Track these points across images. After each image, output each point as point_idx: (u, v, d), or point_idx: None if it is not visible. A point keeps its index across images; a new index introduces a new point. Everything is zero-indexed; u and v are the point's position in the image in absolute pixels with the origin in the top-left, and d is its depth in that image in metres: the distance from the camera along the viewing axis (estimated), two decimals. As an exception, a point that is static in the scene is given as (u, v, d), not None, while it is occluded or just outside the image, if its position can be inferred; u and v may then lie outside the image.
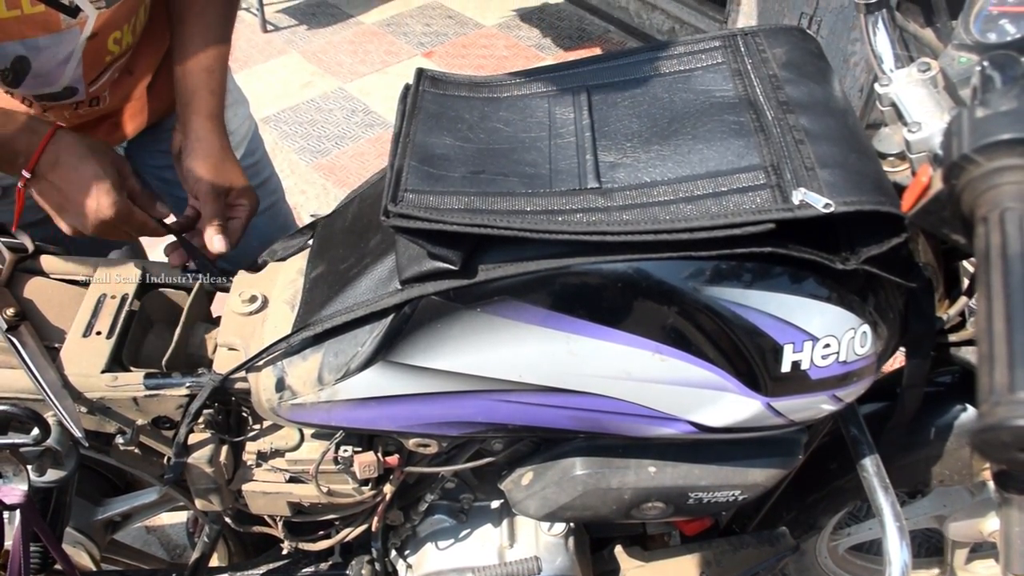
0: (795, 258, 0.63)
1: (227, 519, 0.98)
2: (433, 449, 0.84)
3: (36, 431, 0.80)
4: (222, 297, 0.92)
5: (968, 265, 0.83)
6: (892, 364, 0.87)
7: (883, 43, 0.82)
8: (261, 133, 1.33)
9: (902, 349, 0.82)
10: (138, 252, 1.30)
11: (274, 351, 0.77)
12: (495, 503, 1.01)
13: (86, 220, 0.88)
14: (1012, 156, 0.51)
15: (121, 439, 0.85)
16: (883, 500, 0.83)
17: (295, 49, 3.38)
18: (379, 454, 0.84)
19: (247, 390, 0.81)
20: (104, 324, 0.86)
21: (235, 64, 1.19)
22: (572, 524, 0.99)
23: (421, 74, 0.83)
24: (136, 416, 0.84)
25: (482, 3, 3.61)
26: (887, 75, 0.78)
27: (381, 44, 3.39)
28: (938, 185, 0.59)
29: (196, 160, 0.95)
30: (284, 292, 0.85)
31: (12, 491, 0.81)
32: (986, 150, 0.52)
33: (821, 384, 0.71)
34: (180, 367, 0.84)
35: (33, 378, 0.80)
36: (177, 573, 1.14)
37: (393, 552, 1.03)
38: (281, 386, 0.77)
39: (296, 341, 0.76)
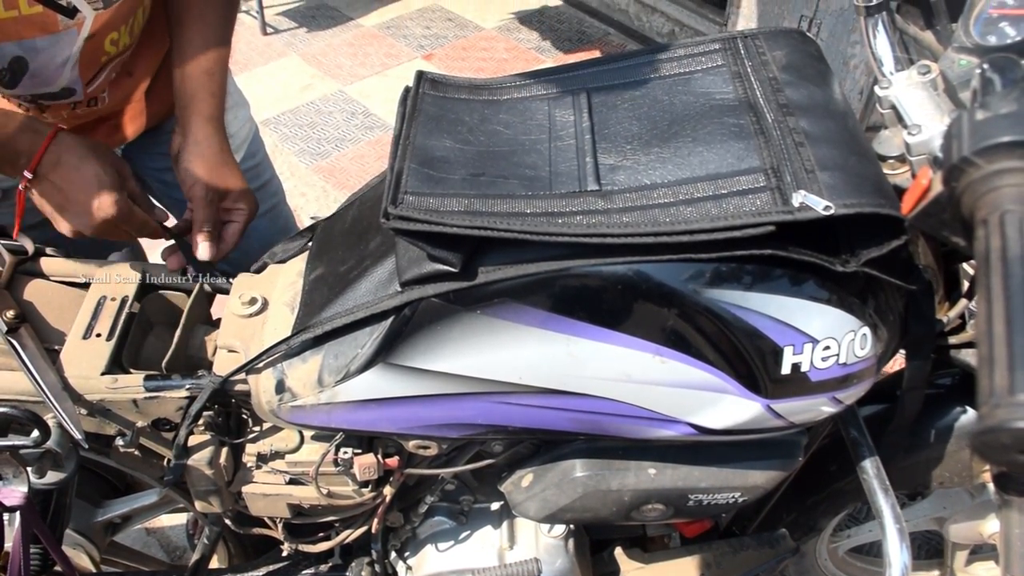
0: (795, 260, 0.63)
1: (227, 521, 0.98)
2: (433, 451, 0.84)
3: (36, 433, 0.80)
4: (222, 299, 0.92)
5: (968, 267, 0.83)
6: (892, 366, 0.87)
7: (883, 46, 0.83)
8: (261, 136, 1.33)
9: (902, 351, 0.82)
10: (138, 254, 1.30)
11: (274, 353, 0.77)
12: (495, 505, 1.01)
13: (87, 219, 0.88)
14: (1012, 159, 0.51)
15: (121, 441, 0.85)
16: (883, 502, 0.83)
17: (295, 52, 3.39)
18: (379, 456, 0.84)
19: (247, 392, 0.81)
20: (104, 326, 0.86)
21: (235, 67, 1.19)
22: (572, 526, 0.99)
23: (421, 77, 0.83)
24: (136, 418, 0.84)
25: (482, 6, 3.61)
26: (887, 78, 0.78)
27: (381, 47, 3.39)
28: (938, 187, 0.59)
29: (194, 162, 0.95)
30: (284, 294, 0.85)
31: (12, 493, 0.81)
32: (986, 153, 0.52)
33: (821, 386, 0.71)
34: (180, 369, 0.84)
35: (33, 380, 0.80)
36: (177, 575, 1.14)
37: (393, 554, 1.03)
38: (281, 388, 0.77)
39: (296, 343, 0.76)
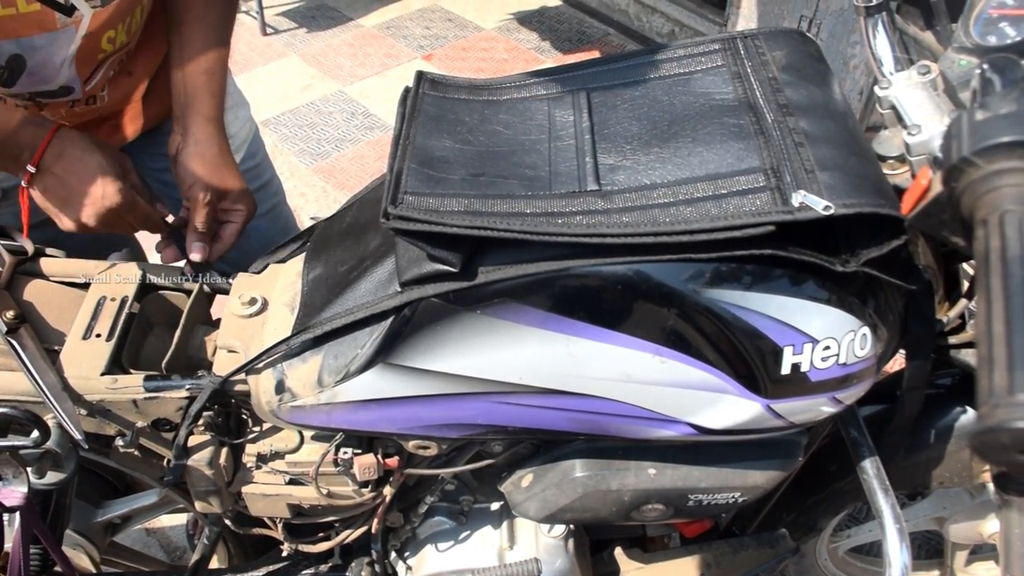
0: (795, 260, 0.63)
1: (227, 521, 0.98)
2: (433, 451, 0.84)
3: (36, 433, 0.80)
4: (222, 299, 0.92)
5: (968, 267, 0.83)
6: (892, 366, 0.87)
7: (883, 46, 0.83)
8: (261, 136, 1.33)
9: (902, 351, 0.82)
10: (138, 255, 1.30)
11: (274, 353, 0.77)
12: (495, 505, 1.01)
13: (92, 210, 0.88)
14: (1012, 159, 0.51)
15: (121, 441, 0.85)
16: (883, 502, 0.83)
17: (295, 52, 3.39)
18: (379, 456, 0.84)
19: (247, 392, 0.81)
20: (104, 326, 0.86)
21: (235, 67, 1.19)
22: (572, 526, 0.99)
23: (421, 77, 0.83)
24: (136, 418, 0.84)
25: (482, 6, 3.62)
26: (887, 78, 0.78)
27: (381, 47, 3.39)
28: (938, 188, 0.59)
29: (194, 162, 0.95)
30: (284, 294, 0.85)
31: (12, 493, 0.81)
32: (986, 153, 0.52)
33: (821, 386, 0.71)
34: (180, 369, 0.84)
35: (33, 380, 0.80)
36: (177, 575, 1.14)
37: (393, 554, 1.03)
38: (281, 388, 0.77)
39: (296, 343, 0.76)
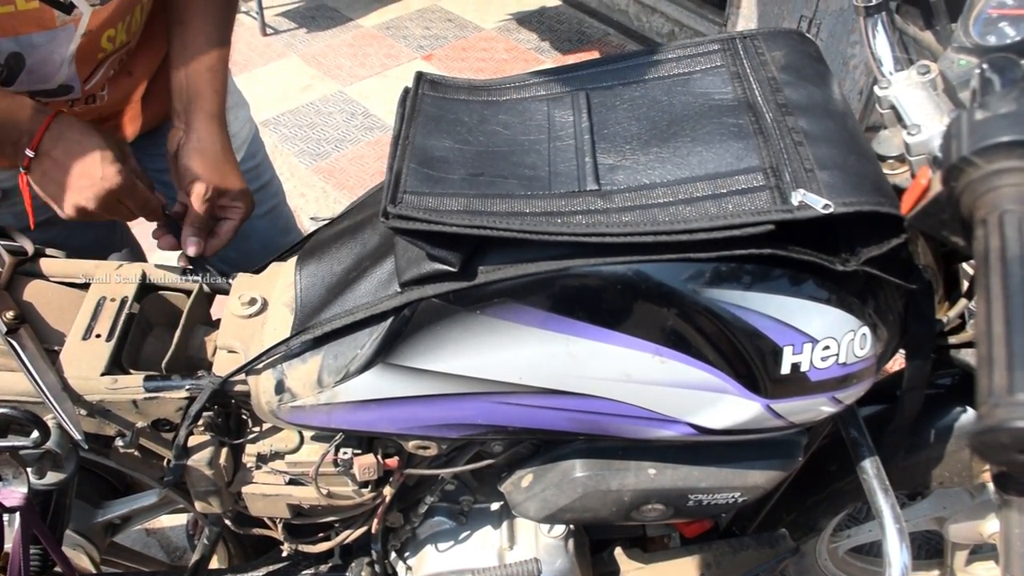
0: (794, 260, 0.63)
1: (227, 521, 0.98)
2: (433, 451, 0.84)
3: (36, 434, 0.80)
4: (222, 300, 0.92)
5: (968, 267, 0.83)
6: (892, 366, 0.87)
7: (882, 46, 0.83)
8: (261, 136, 1.33)
9: (902, 351, 0.82)
10: (138, 255, 1.30)
11: (274, 354, 0.77)
12: (495, 505, 1.01)
13: (90, 192, 0.87)
14: (1011, 158, 0.51)
15: (121, 441, 0.85)
16: (883, 502, 0.83)
17: (295, 52, 3.39)
18: (379, 456, 0.84)
19: (247, 392, 0.81)
20: (104, 327, 0.86)
21: (235, 67, 1.19)
22: (572, 526, 0.99)
23: (420, 77, 0.83)
24: (136, 419, 0.84)
25: (481, 6, 3.62)
26: (886, 78, 0.78)
27: (380, 47, 3.39)
28: (937, 187, 0.59)
29: (194, 157, 0.95)
30: (284, 295, 0.85)
31: (12, 494, 0.81)
32: (985, 152, 0.52)
33: (821, 386, 0.71)
34: (180, 370, 0.84)
35: (33, 381, 0.79)
36: (177, 575, 1.14)
37: (393, 554, 1.03)
38: (281, 388, 0.77)
39: (296, 344, 0.76)
